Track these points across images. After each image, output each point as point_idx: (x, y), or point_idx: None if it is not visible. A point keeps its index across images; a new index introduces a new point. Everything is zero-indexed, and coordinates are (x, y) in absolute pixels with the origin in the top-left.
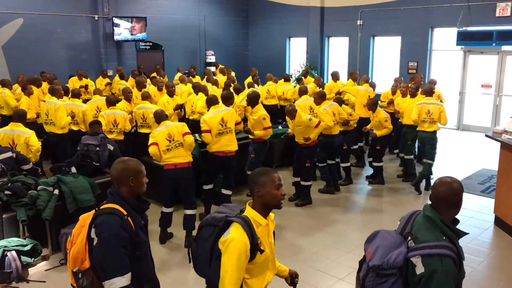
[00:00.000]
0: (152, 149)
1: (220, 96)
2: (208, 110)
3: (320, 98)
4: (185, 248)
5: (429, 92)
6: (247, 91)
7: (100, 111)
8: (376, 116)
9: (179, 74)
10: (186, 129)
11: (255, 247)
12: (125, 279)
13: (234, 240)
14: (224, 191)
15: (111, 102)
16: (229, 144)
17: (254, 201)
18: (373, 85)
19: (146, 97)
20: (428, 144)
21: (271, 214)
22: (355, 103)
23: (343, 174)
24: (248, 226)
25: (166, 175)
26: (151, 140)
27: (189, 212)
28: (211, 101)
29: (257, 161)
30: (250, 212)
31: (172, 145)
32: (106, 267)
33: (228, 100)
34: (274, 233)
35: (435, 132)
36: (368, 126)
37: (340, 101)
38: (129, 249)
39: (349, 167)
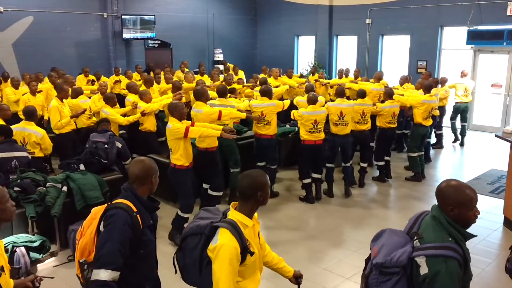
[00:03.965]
0: None
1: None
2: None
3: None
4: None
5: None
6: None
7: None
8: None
9: (179, 72)
10: (180, 135)
11: (245, 250)
12: (108, 274)
13: (224, 246)
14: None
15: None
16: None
17: (245, 204)
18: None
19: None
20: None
21: (255, 214)
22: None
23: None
24: (236, 230)
25: None
26: None
27: (178, 211)
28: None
29: None
30: (235, 215)
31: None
32: (99, 256)
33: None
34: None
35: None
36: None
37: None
38: (128, 247)
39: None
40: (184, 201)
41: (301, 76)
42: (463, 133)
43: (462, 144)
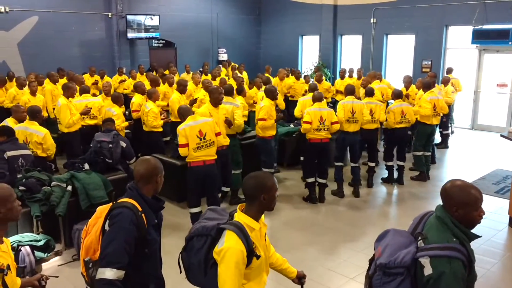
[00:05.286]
0: (183, 151)
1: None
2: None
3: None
4: None
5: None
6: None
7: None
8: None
9: (185, 74)
10: (217, 128)
11: (251, 253)
12: (113, 273)
13: (230, 249)
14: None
15: (85, 90)
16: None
17: (251, 206)
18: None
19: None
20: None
21: (262, 217)
22: None
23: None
24: (242, 233)
25: (194, 173)
26: (181, 140)
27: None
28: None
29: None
30: (242, 218)
31: (203, 143)
32: (104, 255)
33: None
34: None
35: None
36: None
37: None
38: (133, 246)
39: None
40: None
41: (305, 77)
42: (450, 123)
43: (452, 132)
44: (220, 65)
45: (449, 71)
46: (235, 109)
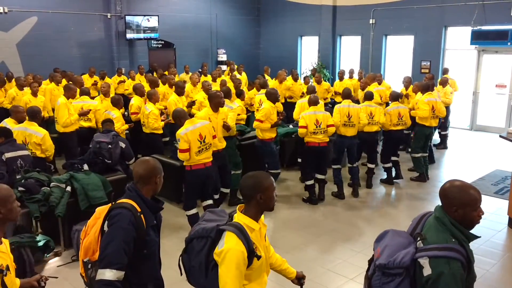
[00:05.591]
0: (184, 156)
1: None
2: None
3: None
4: None
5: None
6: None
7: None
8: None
9: (184, 74)
10: (213, 131)
11: (251, 254)
12: (113, 274)
13: (230, 250)
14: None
15: (85, 92)
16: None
17: (250, 207)
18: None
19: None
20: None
21: (262, 217)
22: None
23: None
24: (242, 234)
25: (195, 176)
26: (182, 145)
27: (210, 201)
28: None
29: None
30: (241, 218)
31: (203, 146)
32: (104, 256)
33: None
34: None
35: None
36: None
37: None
38: (132, 247)
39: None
40: None
41: (305, 78)
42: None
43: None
44: (221, 66)
45: (446, 71)
46: (228, 112)
